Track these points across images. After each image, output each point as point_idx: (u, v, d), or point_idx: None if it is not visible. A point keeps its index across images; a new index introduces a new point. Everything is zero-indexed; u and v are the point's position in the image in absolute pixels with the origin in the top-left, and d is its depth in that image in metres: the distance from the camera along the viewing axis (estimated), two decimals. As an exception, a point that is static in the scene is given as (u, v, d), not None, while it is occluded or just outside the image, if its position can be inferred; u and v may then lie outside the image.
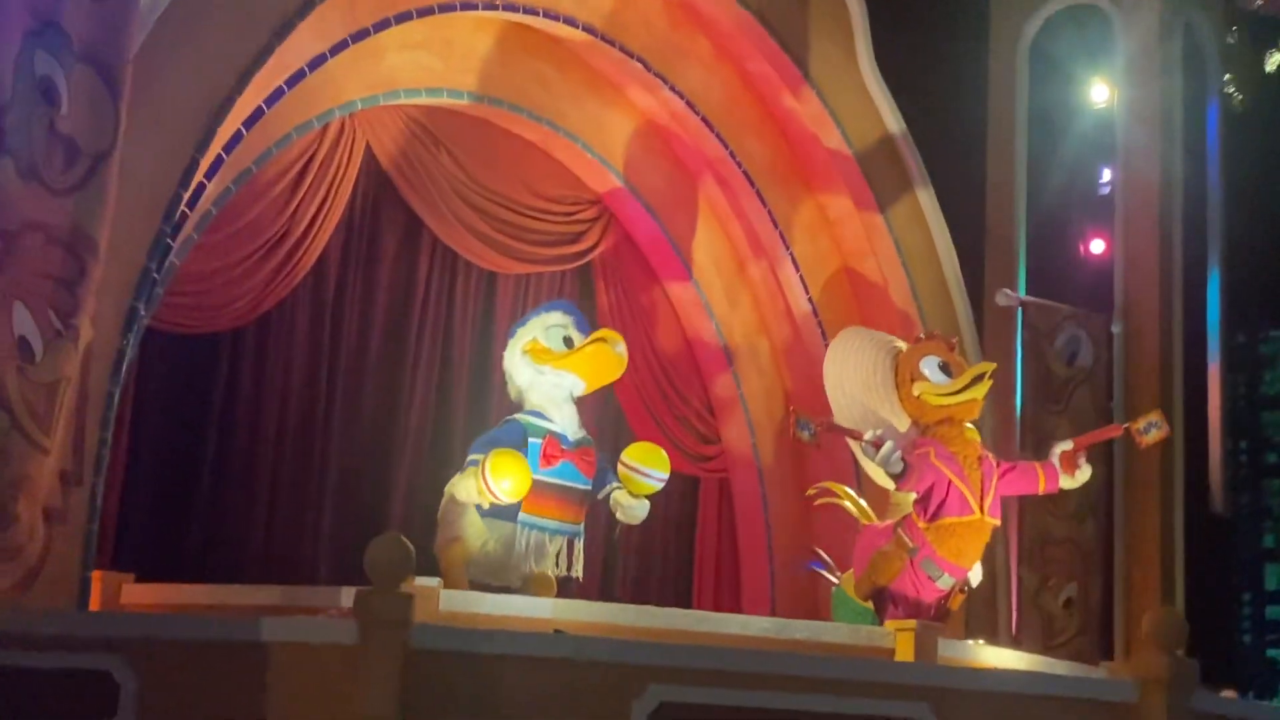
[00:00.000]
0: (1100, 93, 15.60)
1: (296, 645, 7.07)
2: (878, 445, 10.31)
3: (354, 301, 12.32)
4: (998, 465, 10.90)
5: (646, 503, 10.02)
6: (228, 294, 11.20)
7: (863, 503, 11.40)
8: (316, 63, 10.49)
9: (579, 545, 9.94)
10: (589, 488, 9.97)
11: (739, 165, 13.62)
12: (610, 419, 13.74)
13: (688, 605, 13.75)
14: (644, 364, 13.79)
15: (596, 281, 13.86)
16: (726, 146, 13.50)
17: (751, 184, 13.69)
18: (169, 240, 9.35)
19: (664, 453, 10.08)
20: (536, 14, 12.07)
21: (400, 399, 12.54)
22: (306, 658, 7.04)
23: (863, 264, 14.22)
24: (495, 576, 9.67)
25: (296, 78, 10.38)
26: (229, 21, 9.42)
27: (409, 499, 12.25)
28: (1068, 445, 11.01)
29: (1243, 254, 17.52)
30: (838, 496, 11.47)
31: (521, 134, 13.08)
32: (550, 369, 9.96)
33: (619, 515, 10.02)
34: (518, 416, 9.94)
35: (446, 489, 9.90)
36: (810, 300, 14.12)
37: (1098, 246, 15.57)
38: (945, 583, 10.66)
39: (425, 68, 12.02)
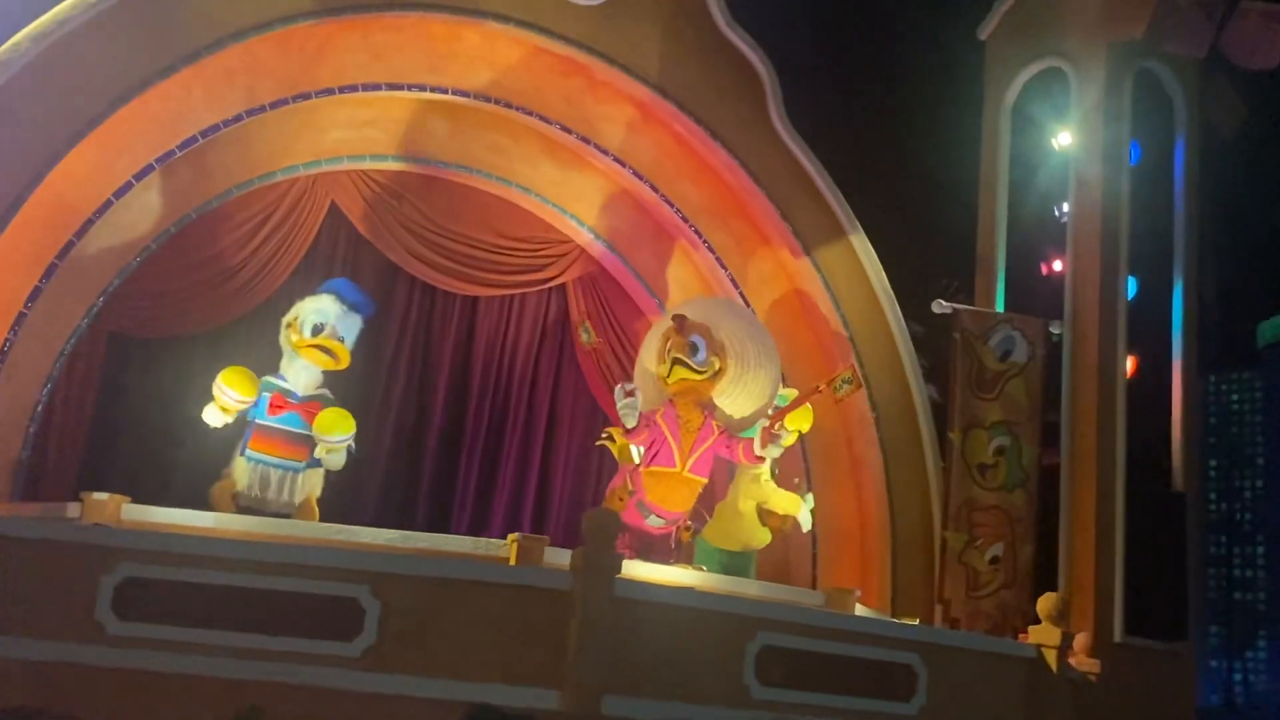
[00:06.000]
0: (1065, 139, 13.22)
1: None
2: (629, 395, 9.28)
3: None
4: (718, 435, 9.43)
5: (340, 457, 9.21)
6: (181, 309, 10.79)
7: (631, 448, 9.92)
8: (209, 132, 10.11)
9: (300, 478, 9.10)
10: (311, 432, 9.15)
11: (674, 208, 12.08)
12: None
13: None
14: (612, 357, 12.50)
15: (570, 298, 12.63)
16: (658, 192, 12.02)
17: (687, 222, 12.15)
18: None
19: (348, 418, 9.15)
20: (445, 92, 11.18)
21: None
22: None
23: (806, 286, 12.38)
24: (258, 505, 8.97)
25: (189, 143, 10.01)
26: (68, 87, 9.11)
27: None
28: (765, 423, 9.33)
29: (1210, 265, 14.43)
30: (611, 440, 10.07)
31: (485, 189, 12.00)
32: (288, 349, 9.33)
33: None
34: (265, 377, 9.33)
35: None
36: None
37: (1059, 266, 13.17)
38: (654, 522, 9.40)
39: (371, 140, 11.33)
